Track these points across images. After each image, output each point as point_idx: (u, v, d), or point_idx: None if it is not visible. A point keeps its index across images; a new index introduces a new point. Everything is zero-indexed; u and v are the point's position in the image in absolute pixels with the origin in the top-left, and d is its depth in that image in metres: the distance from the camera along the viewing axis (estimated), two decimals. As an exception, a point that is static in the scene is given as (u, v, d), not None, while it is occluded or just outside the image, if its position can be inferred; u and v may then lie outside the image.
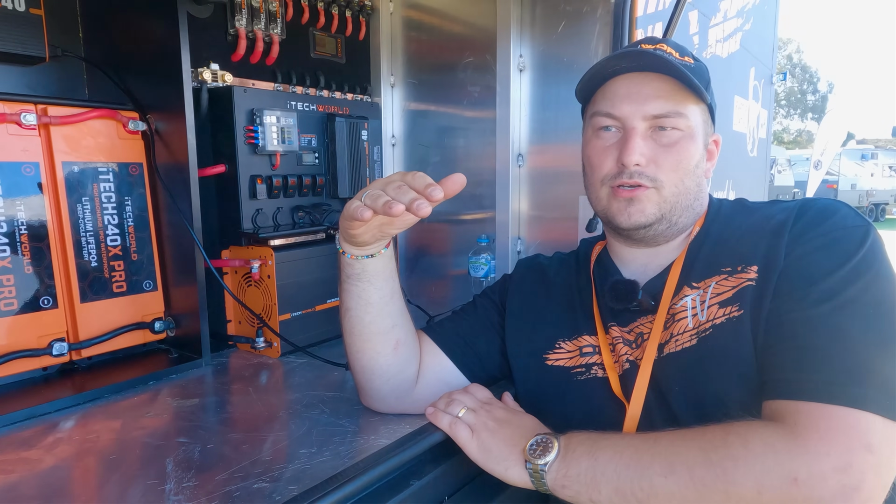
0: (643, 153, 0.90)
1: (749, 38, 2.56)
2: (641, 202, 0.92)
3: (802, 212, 0.86)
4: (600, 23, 1.53)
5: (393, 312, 1.00)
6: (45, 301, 1.22)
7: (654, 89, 0.91)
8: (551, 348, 1.03)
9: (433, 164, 1.93)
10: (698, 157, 0.94)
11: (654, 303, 0.93)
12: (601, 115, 0.95)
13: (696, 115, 0.93)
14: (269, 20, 1.56)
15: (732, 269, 0.88)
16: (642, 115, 0.91)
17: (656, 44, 0.95)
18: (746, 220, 0.93)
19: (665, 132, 0.92)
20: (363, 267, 0.94)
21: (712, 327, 0.85)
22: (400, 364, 1.02)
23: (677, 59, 0.93)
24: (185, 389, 1.23)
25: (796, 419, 0.71)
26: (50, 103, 1.23)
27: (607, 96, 0.94)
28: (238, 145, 1.41)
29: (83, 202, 1.27)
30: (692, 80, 0.88)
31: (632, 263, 1.02)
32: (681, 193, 0.93)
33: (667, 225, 0.95)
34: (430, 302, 1.93)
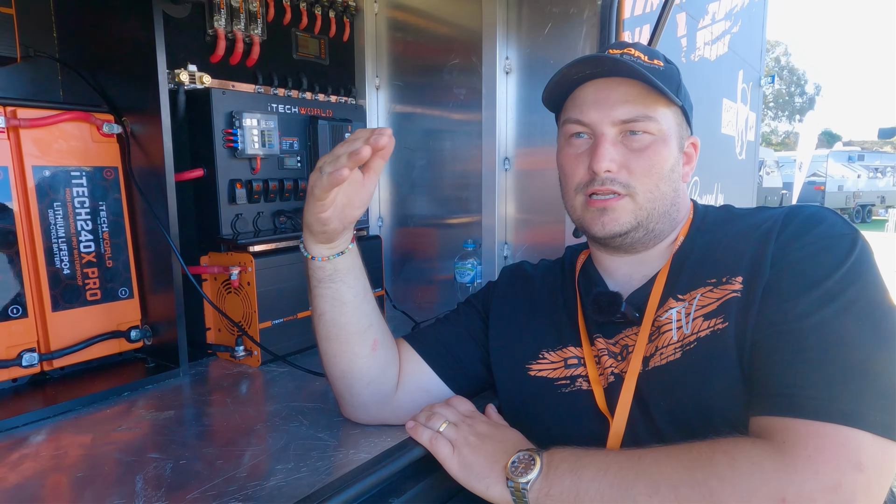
0: (613, 159, 0.89)
1: (737, 41, 2.56)
2: (615, 211, 0.90)
3: (788, 220, 0.84)
4: (587, 25, 1.51)
5: (368, 311, 0.98)
6: (15, 310, 1.18)
7: (622, 94, 0.89)
8: (535, 358, 1.00)
9: (419, 167, 1.90)
10: (672, 160, 0.92)
11: (639, 314, 0.91)
12: (571, 123, 0.94)
13: (667, 118, 0.92)
14: (250, 21, 1.52)
15: (717, 280, 0.85)
16: (611, 120, 0.89)
17: (624, 48, 0.93)
18: (732, 228, 0.91)
19: (636, 136, 0.90)
20: (334, 266, 0.93)
21: (697, 340, 0.83)
22: (379, 366, 1.00)
23: (645, 63, 0.91)
24: (161, 401, 1.19)
25: (784, 437, 0.69)
26: (20, 105, 1.19)
27: (576, 103, 0.93)
28: (216, 149, 1.38)
29: (55, 207, 1.23)
30: (658, 84, 0.86)
31: (616, 273, 1.00)
32: (656, 199, 0.91)
33: (644, 232, 0.93)
34: (416, 307, 1.90)
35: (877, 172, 19.66)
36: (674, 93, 0.90)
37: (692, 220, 0.97)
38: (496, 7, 1.63)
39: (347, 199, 0.87)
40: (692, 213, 0.99)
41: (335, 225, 0.88)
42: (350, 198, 0.88)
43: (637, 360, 0.87)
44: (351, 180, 0.85)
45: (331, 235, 0.90)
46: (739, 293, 0.82)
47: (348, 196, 0.87)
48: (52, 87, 1.42)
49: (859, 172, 18.95)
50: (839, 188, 18.04)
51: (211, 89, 1.38)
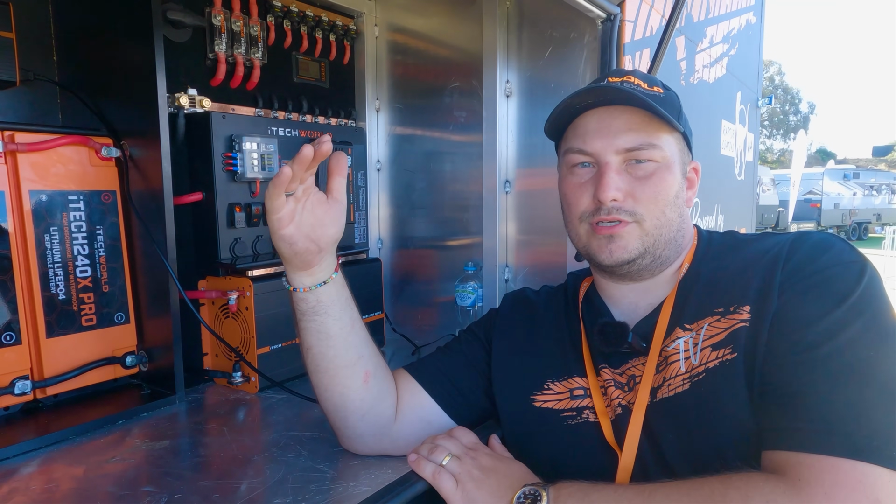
0: (619, 188, 0.88)
1: (735, 63, 2.58)
2: (623, 238, 0.89)
3: (795, 247, 0.83)
4: (587, 49, 1.52)
5: (357, 343, 0.96)
6: (8, 337, 1.16)
7: (625, 122, 0.88)
8: (539, 389, 0.98)
9: (419, 189, 1.89)
10: (677, 186, 0.92)
11: (646, 344, 0.89)
12: (574, 152, 0.92)
13: (670, 144, 0.91)
14: (250, 44, 1.53)
15: (725, 309, 0.84)
16: (615, 148, 0.88)
17: (623, 76, 0.93)
18: (738, 256, 0.89)
19: (640, 165, 0.89)
20: (317, 298, 0.91)
21: (705, 371, 0.81)
22: (373, 398, 0.97)
23: (646, 91, 0.91)
24: (156, 430, 1.17)
25: (799, 473, 0.67)
26: (17, 129, 1.18)
27: (578, 132, 0.92)
28: (216, 172, 1.37)
29: (51, 232, 1.21)
30: (661, 112, 0.85)
31: (621, 301, 0.98)
32: (663, 226, 0.90)
33: (651, 259, 0.91)
34: (416, 330, 1.88)
35: (872, 190, 19.78)
36: (675, 119, 0.89)
37: (696, 247, 0.96)
38: (496, 31, 1.64)
39: (315, 218, 0.87)
40: (696, 238, 0.98)
41: (305, 244, 0.86)
42: (318, 217, 0.87)
43: (645, 391, 0.86)
44: (315, 200, 0.86)
45: (305, 258, 0.88)
46: (748, 323, 0.80)
47: (315, 216, 0.87)
48: (52, 111, 1.42)
49: (855, 190, 19.06)
50: (835, 206, 18.14)
51: (211, 113, 1.37)
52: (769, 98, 3.25)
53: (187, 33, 1.42)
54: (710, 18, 2.23)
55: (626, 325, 0.92)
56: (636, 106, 0.88)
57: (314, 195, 0.87)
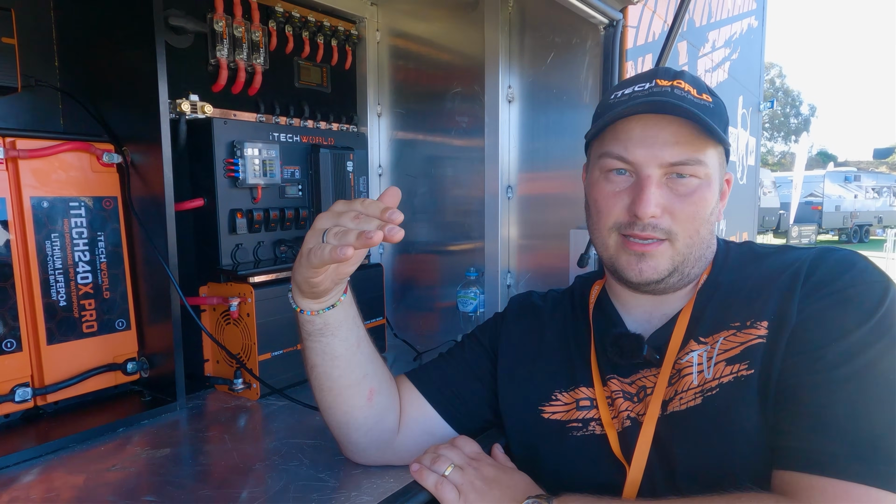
0: (659, 203, 0.83)
1: (737, 67, 2.58)
2: (655, 258, 0.85)
3: (817, 264, 0.80)
4: (590, 54, 1.51)
5: (362, 362, 0.94)
6: (8, 344, 1.15)
7: (672, 134, 0.82)
8: (547, 400, 0.96)
9: (420, 194, 1.89)
10: (714, 202, 0.87)
11: (659, 356, 0.87)
12: (612, 158, 0.86)
13: (713, 159, 0.85)
14: (252, 50, 1.52)
15: (742, 324, 0.82)
16: (659, 162, 0.83)
17: (674, 79, 0.86)
18: (757, 269, 0.87)
19: (682, 180, 0.84)
20: (324, 321, 0.88)
21: (719, 386, 0.79)
22: (377, 414, 0.96)
23: (695, 99, 0.84)
24: (157, 437, 1.16)
25: (810, 496, 0.66)
26: (19, 136, 1.18)
27: (620, 137, 0.85)
28: (217, 178, 1.36)
29: (52, 238, 1.21)
30: (713, 127, 0.80)
31: (635, 310, 0.95)
32: (694, 244, 0.86)
33: (679, 277, 0.87)
34: (417, 336, 1.88)
35: (873, 192, 19.76)
36: (723, 131, 0.84)
37: (714, 258, 0.93)
38: (498, 36, 1.63)
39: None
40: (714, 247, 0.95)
41: (326, 286, 0.83)
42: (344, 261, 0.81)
43: (656, 403, 0.84)
44: None
45: (320, 294, 0.85)
46: (765, 339, 0.78)
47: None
48: (53, 116, 1.41)
49: (856, 192, 19.03)
50: (836, 208, 18.10)
51: (212, 119, 1.37)
52: (771, 102, 3.24)
53: (189, 39, 1.41)
54: (712, 23, 2.22)
55: (642, 337, 0.89)
56: (688, 118, 0.81)
57: None
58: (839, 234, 18.68)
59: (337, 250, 0.73)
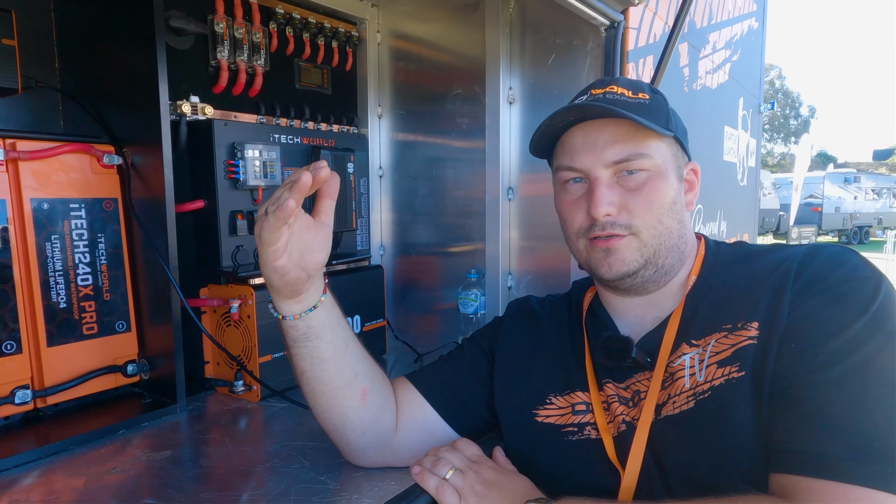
0: (612, 202, 0.85)
1: (737, 69, 2.58)
2: (620, 251, 0.87)
3: (807, 261, 0.80)
4: (591, 56, 1.51)
5: (352, 362, 0.94)
6: (8, 346, 1.15)
7: (611, 134, 0.86)
8: (542, 403, 0.96)
9: (421, 195, 1.89)
10: (673, 192, 0.88)
11: (651, 360, 0.87)
12: (564, 169, 0.91)
13: (661, 150, 0.88)
14: (253, 51, 1.52)
15: (733, 325, 0.81)
16: (603, 162, 0.86)
17: (606, 86, 0.91)
18: (747, 269, 0.87)
19: (631, 175, 0.86)
20: (307, 324, 0.88)
21: (711, 389, 0.79)
22: (372, 414, 0.96)
23: (630, 99, 0.88)
24: (158, 439, 1.16)
25: (808, 498, 0.65)
26: (19, 137, 1.18)
27: (566, 149, 0.90)
28: (218, 180, 1.36)
29: (52, 240, 1.21)
30: (643, 122, 0.83)
31: (626, 314, 0.95)
32: (661, 234, 0.87)
33: (653, 269, 0.88)
34: (418, 338, 1.87)
35: (873, 194, 19.76)
36: (663, 124, 0.87)
37: (704, 258, 0.93)
38: (499, 37, 1.63)
39: (303, 244, 0.82)
40: (703, 249, 0.95)
41: (296, 273, 0.83)
42: (307, 242, 0.83)
43: (650, 407, 0.84)
44: (302, 224, 0.81)
45: (295, 287, 0.85)
46: (756, 340, 0.78)
47: (304, 241, 0.82)
48: (53, 118, 1.41)
49: (856, 194, 19.04)
50: (836, 210, 18.10)
51: (213, 120, 1.37)
52: (771, 103, 3.24)
53: (189, 40, 1.41)
54: (713, 25, 2.22)
55: (630, 339, 0.90)
56: (617, 117, 0.84)
57: (301, 219, 0.82)
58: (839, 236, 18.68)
59: (279, 208, 0.75)
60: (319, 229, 0.84)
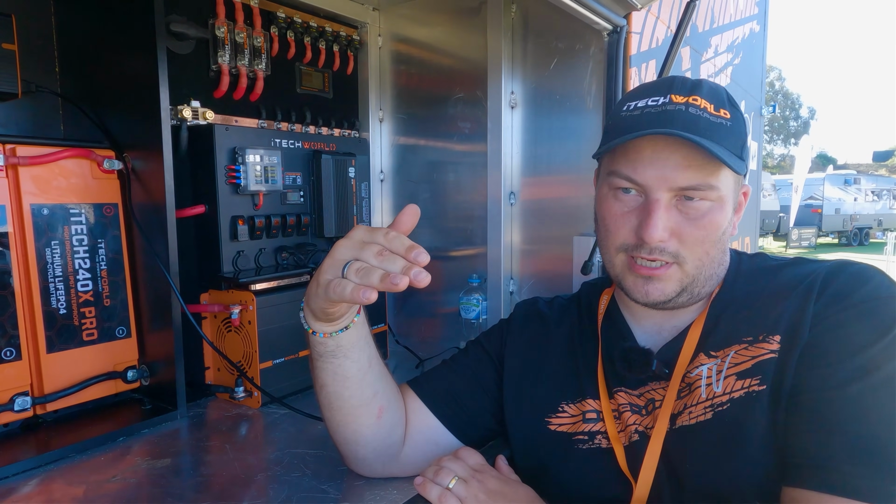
0: (667, 227, 0.80)
1: (739, 72, 2.57)
2: (662, 281, 0.82)
3: (831, 277, 0.79)
4: (593, 61, 1.50)
5: (372, 381, 0.92)
6: (8, 353, 1.14)
7: (684, 157, 0.78)
8: (554, 412, 0.95)
9: (423, 199, 1.88)
10: (727, 223, 0.83)
11: (668, 370, 0.85)
12: (620, 177, 0.83)
13: (727, 181, 0.81)
14: (254, 56, 1.52)
15: (754, 338, 0.80)
16: (668, 185, 0.79)
17: (689, 93, 0.81)
18: (770, 282, 0.85)
19: (692, 203, 0.80)
20: (337, 343, 0.85)
21: (730, 401, 0.78)
22: (385, 431, 0.95)
23: (712, 116, 0.80)
24: (158, 447, 1.15)
25: None
26: (19, 142, 1.17)
27: (630, 157, 0.82)
28: (219, 185, 1.36)
29: (52, 246, 1.20)
30: (728, 160, 0.76)
31: (645, 322, 0.93)
32: (704, 266, 0.83)
33: (688, 297, 0.85)
34: (419, 342, 1.87)
35: (873, 195, 19.77)
36: (739, 151, 0.80)
37: (727, 270, 0.90)
38: (501, 41, 1.63)
39: None
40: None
41: (343, 312, 0.81)
42: None
43: (664, 417, 0.82)
44: None
45: (335, 319, 0.83)
46: (776, 353, 0.77)
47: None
48: (54, 122, 1.41)
49: (856, 195, 19.04)
50: (836, 211, 18.11)
51: (214, 125, 1.36)
52: (773, 106, 3.24)
53: (190, 45, 1.41)
54: (715, 28, 2.22)
55: (651, 352, 0.87)
56: (700, 145, 0.76)
57: None
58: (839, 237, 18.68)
59: (360, 292, 0.69)
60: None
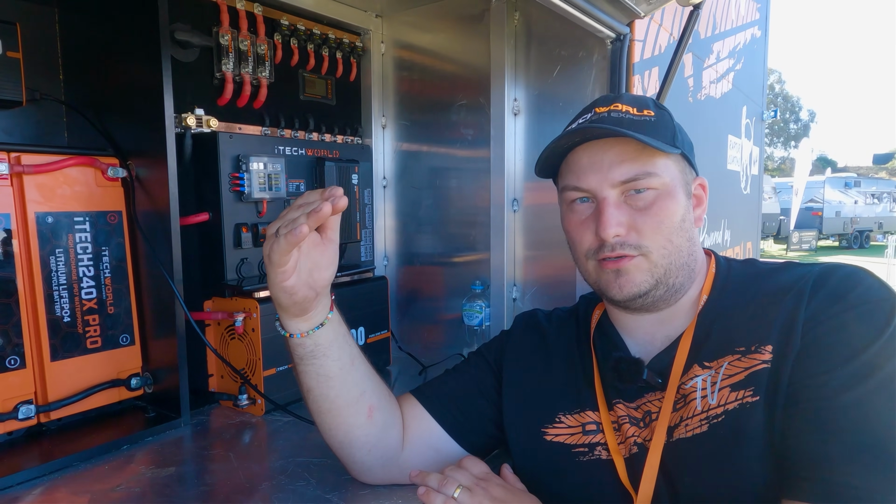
0: (620, 223, 0.84)
1: (740, 77, 2.57)
2: (630, 272, 0.85)
3: (821, 282, 0.79)
4: (596, 68, 1.51)
5: (358, 380, 0.93)
6: (12, 361, 1.14)
7: (617, 154, 0.84)
8: (551, 422, 0.95)
9: (425, 206, 1.88)
10: (682, 210, 0.87)
11: (662, 380, 0.86)
12: (570, 189, 0.89)
13: (669, 168, 0.86)
14: (258, 63, 1.52)
15: (746, 348, 0.80)
16: (610, 182, 0.85)
17: (611, 104, 0.89)
18: (760, 289, 0.85)
19: (639, 195, 0.85)
20: (314, 342, 0.88)
21: (724, 413, 0.78)
22: (378, 431, 0.95)
23: (634, 117, 0.87)
24: (161, 455, 1.15)
25: None
26: (23, 151, 1.17)
27: (572, 169, 0.89)
28: (223, 193, 1.36)
29: (57, 254, 1.20)
30: (649, 141, 0.82)
31: (636, 332, 0.94)
32: (671, 254, 0.86)
33: (664, 289, 0.87)
34: (422, 348, 1.87)
35: (873, 198, 19.77)
36: (669, 141, 0.85)
37: (715, 277, 0.92)
38: (504, 48, 1.63)
39: (311, 262, 0.83)
40: (714, 266, 0.94)
41: (304, 292, 0.83)
42: (314, 260, 0.83)
43: (661, 429, 0.83)
44: (311, 242, 0.82)
45: (303, 305, 0.85)
46: (769, 363, 0.77)
47: (311, 259, 0.83)
48: (58, 130, 1.41)
49: (856, 198, 19.04)
50: (836, 214, 18.11)
51: (218, 133, 1.36)
52: (774, 111, 3.24)
53: (194, 53, 1.41)
54: (717, 34, 2.22)
55: (641, 361, 0.88)
56: (621, 136, 0.83)
57: (309, 237, 0.81)
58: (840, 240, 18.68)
59: (292, 233, 0.75)
60: (327, 246, 0.84)
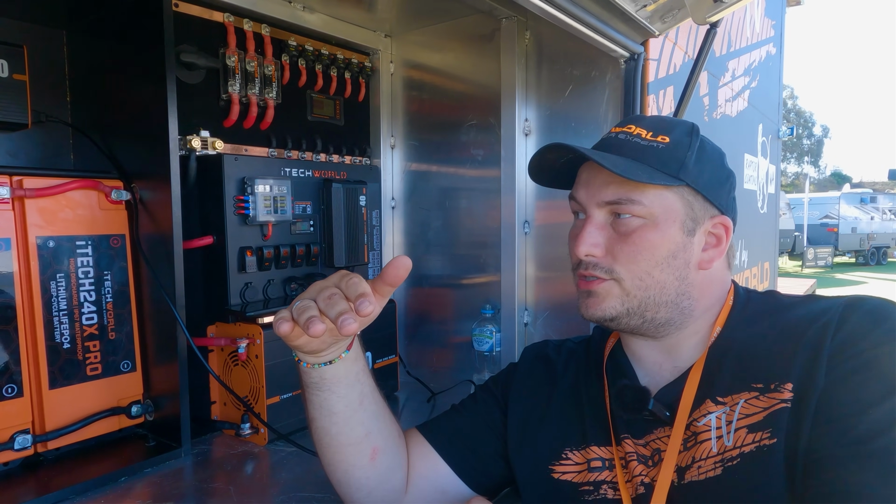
0: (596, 243, 0.83)
1: (756, 95, 2.53)
2: (598, 295, 0.83)
3: (846, 316, 0.73)
4: (609, 88, 1.47)
5: (364, 420, 0.87)
6: (9, 389, 1.11)
7: (607, 175, 0.82)
8: (557, 458, 0.90)
9: (434, 227, 1.85)
10: (671, 245, 0.81)
11: (670, 414, 0.81)
12: (571, 200, 0.90)
13: (661, 199, 0.81)
14: (264, 84, 1.50)
15: (765, 386, 0.75)
16: (596, 201, 0.84)
17: (626, 125, 0.88)
18: (779, 322, 0.80)
19: (623, 220, 0.83)
20: (321, 375, 0.82)
21: (740, 456, 0.73)
22: (380, 475, 0.90)
23: (643, 140, 0.84)
24: (161, 488, 1.11)
25: None
26: (26, 174, 1.15)
27: (576, 181, 0.90)
28: (227, 216, 1.33)
29: (58, 279, 1.18)
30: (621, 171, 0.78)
31: (645, 360, 0.89)
32: (649, 287, 0.81)
33: (640, 320, 0.83)
34: (431, 373, 1.82)
35: (890, 214, 19.49)
36: (672, 171, 0.81)
37: (732, 308, 0.87)
38: (515, 68, 1.60)
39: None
40: (731, 298, 0.89)
41: (313, 347, 0.78)
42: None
43: (669, 468, 0.78)
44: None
45: (319, 349, 0.79)
46: (789, 403, 0.72)
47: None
48: (64, 152, 1.40)
49: (872, 214, 18.79)
50: (852, 230, 17.87)
51: (223, 155, 1.34)
52: (791, 128, 3.19)
53: (200, 74, 1.40)
54: (732, 52, 2.19)
55: (647, 390, 0.83)
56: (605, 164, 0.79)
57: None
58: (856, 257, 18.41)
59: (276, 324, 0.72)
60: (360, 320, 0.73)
